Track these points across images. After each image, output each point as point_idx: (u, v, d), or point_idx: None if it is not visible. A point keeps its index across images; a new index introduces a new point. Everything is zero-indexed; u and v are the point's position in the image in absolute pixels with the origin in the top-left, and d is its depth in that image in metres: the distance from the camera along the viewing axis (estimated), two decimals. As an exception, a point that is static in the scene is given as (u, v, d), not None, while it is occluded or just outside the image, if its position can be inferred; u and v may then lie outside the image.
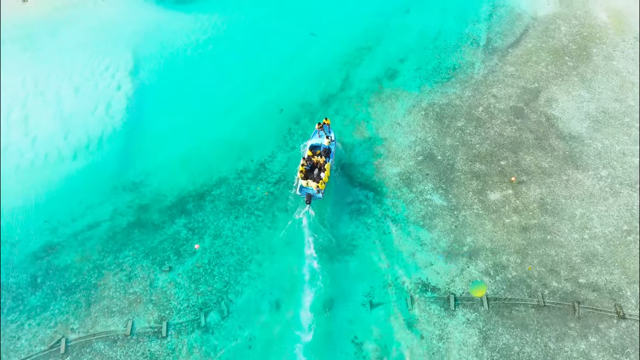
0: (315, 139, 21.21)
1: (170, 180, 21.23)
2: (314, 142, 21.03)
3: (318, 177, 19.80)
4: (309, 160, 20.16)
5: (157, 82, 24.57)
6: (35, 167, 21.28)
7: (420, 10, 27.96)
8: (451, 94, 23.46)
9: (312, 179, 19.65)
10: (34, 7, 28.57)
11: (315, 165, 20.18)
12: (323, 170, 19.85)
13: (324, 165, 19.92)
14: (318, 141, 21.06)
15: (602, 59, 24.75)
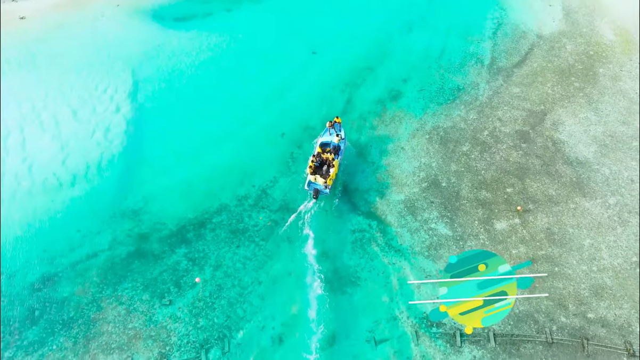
0: (326, 136, 21.99)
1: (170, 207, 20.87)
2: (324, 140, 21.81)
3: (327, 173, 20.69)
4: (319, 156, 20.95)
5: (156, 104, 24.14)
6: (33, 194, 20.88)
7: (423, 28, 27.54)
8: (456, 116, 23.08)
9: (320, 175, 20.46)
10: (31, 24, 28.11)
11: (324, 162, 20.98)
12: (332, 167, 20.67)
13: (333, 162, 20.76)
14: (328, 139, 21.83)
15: (608, 79, 24.35)
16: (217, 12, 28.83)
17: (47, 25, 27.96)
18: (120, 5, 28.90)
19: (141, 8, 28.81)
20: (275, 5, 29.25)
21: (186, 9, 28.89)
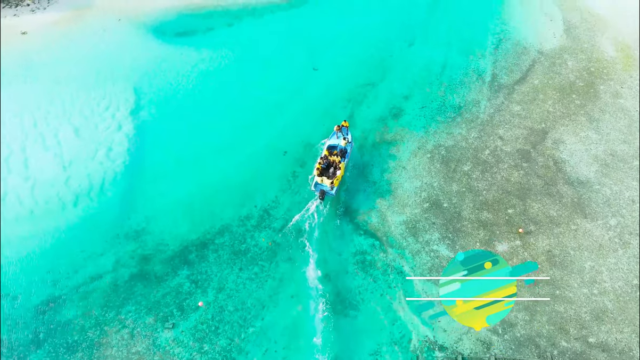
0: (333, 139, 22.71)
1: (172, 228, 20.94)
2: (331, 143, 22.55)
3: (333, 175, 21.34)
4: (326, 159, 21.71)
5: (158, 122, 24.20)
6: (36, 215, 20.96)
7: (424, 43, 27.58)
8: (457, 134, 23.14)
9: (327, 177, 21.18)
10: (33, 40, 28.13)
11: (330, 164, 21.68)
12: (338, 169, 21.36)
13: (339, 165, 21.43)
14: (335, 142, 22.55)
15: (609, 96, 24.41)
16: (219, 27, 28.88)
17: (49, 40, 27.99)
18: (121, 20, 28.90)
19: (142, 23, 28.81)
20: (276, 19, 29.29)
21: (187, 24, 28.90)
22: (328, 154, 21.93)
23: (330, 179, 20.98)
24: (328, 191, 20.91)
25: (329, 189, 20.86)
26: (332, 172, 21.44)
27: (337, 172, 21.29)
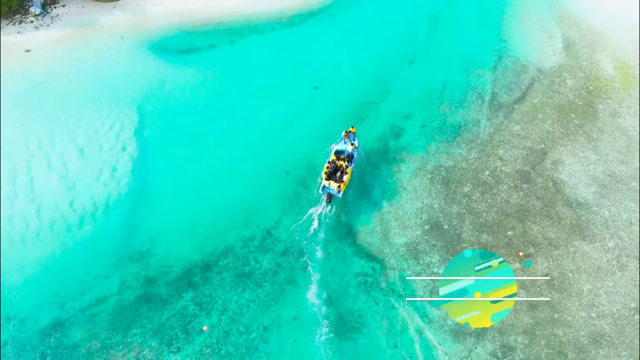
0: (341, 144, 23.52)
1: (176, 249, 21.23)
2: (339, 148, 23.41)
3: (340, 179, 22.23)
4: (333, 163, 22.60)
5: (161, 142, 24.43)
6: (42, 237, 21.22)
7: (424, 60, 27.84)
8: (457, 155, 23.43)
9: (334, 180, 22.05)
10: (37, 57, 28.40)
11: (338, 168, 22.57)
12: (345, 174, 22.23)
13: (346, 169, 22.33)
14: (343, 147, 23.39)
15: (608, 115, 24.68)
16: (221, 44, 29.14)
17: (53, 58, 28.23)
18: (124, 38, 29.19)
19: (145, 40, 29.07)
20: (277, 37, 29.55)
21: (190, 41, 29.17)
22: (335, 158, 22.84)
23: (337, 183, 21.84)
24: (335, 194, 21.90)
25: (336, 192, 21.80)
26: (339, 176, 22.34)
27: (344, 176, 22.20)
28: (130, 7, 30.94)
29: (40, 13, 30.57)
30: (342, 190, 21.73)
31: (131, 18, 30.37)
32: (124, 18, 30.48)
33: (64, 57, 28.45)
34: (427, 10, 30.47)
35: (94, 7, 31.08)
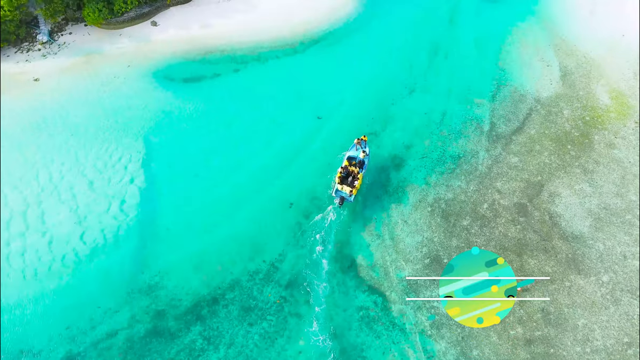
0: (353, 151, 24.70)
1: (184, 283, 21.91)
2: (350, 154, 24.59)
3: (351, 183, 23.46)
4: (345, 168, 23.77)
5: (168, 174, 25.08)
6: (54, 271, 21.91)
7: (425, 90, 28.44)
8: (456, 187, 24.04)
9: (346, 185, 23.33)
10: (45, 86, 28.99)
11: (350, 174, 23.76)
12: (356, 179, 23.45)
13: (357, 175, 23.54)
14: (355, 154, 24.57)
15: (603, 147, 25.28)
16: (225, 72, 29.74)
17: (61, 88, 28.85)
18: (130, 66, 29.78)
19: (151, 69, 29.68)
20: (280, 65, 30.11)
21: (195, 70, 29.76)
22: (348, 164, 24.01)
23: (349, 187, 23.09)
24: (347, 197, 23.41)
25: (348, 196, 23.28)
26: (351, 181, 23.56)
27: (355, 182, 23.40)
28: (135, 35, 31.53)
29: (47, 41, 31.16)
30: (353, 195, 23.11)
31: (137, 46, 30.98)
32: (130, 46, 31.09)
33: (72, 86, 29.05)
34: (427, 39, 31.06)
35: (101, 35, 31.65)
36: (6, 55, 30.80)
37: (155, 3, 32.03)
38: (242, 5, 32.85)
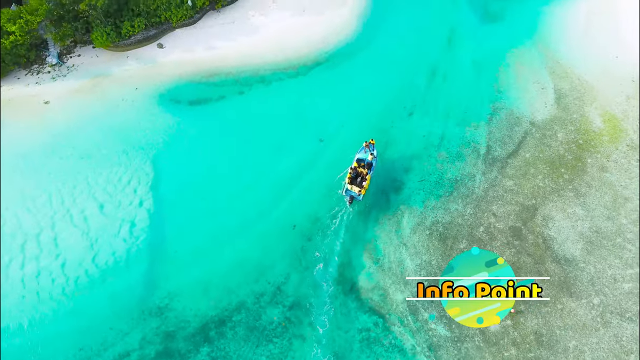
0: (362, 153, 26.37)
1: (192, 304, 22.82)
2: (360, 156, 26.31)
3: (360, 183, 25.13)
4: (355, 170, 25.41)
5: (176, 197, 25.99)
6: (67, 293, 22.88)
7: (423, 112, 29.30)
8: (454, 210, 24.94)
9: (355, 185, 25.00)
10: (55, 109, 29.99)
11: (359, 174, 25.43)
12: (364, 180, 25.07)
13: (366, 176, 25.23)
14: (363, 156, 26.24)
15: (596, 170, 26.17)
16: (230, 95, 30.64)
17: (71, 110, 29.83)
18: (138, 89, 30.70)
19: (158, 91, 30.64)
20: (284, 87, 31.02)
21: (200, 92, 30.70)
22: (357, 165, 25.56)
23: (358, 187, 24.71)
24: (356, 196, 25.10)
25: (357, 195, 24.96)
26: (360, 181, 25.19)
27: (363, 182, 25.01)
28: (142, 57, 32.46)
29: (56, 63, 32.09)
30: (362, 194, 24.87)
31: (144, 68, 31.93)
32: (137, 68, 32.03)
33: (81, 109, 30.00)
34: (426, 61, 31.91)
35: (108, 57, 32.60)
36: (17, 78, 31.76)
37: (161, 26, 32.97)
38: (245, 27, 33.80)
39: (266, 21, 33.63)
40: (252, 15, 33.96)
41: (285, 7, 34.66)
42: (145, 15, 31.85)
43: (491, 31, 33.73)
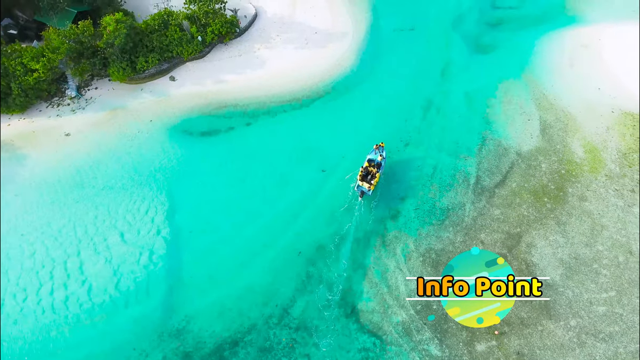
0: (372, 154, 30.13)
1: (208, 327, 25.10)
2: (370, 157, 30.03)
3: (370, 180, 28.85)
4: (366, 169, 29.34)
5: (190, 225, 28.31)
6: (94, 317, 25.16)
7: (418, 144, 31.58)
8: (445, 238, 27.20)
9: (366, 182, 28.67)
10: (76, 142, 32.31)
11: (369, 173, 29.24)
12: (374, 177, 28.87)
13: (375, 174, 29.00)
14: (374, 157, 29.99)
15: (576, 199, 28.43)
16: (238, 126, 32.94)
17: (91, 142, 32.11)
18: (152, 121, 32.96)
19: (171, 123, 32.96)
20: (288, 118, 33.29)
21: (211, 124, 32.99)
22: (368, 165, 29.40)
23: (368, 184, 28.37)
24: (366, 191, 28.69)
25: (367, 190, 28.60)
26: (370, 178, 28.81)
27: (372, 179, 28.72)
28: (156, 90, 34.70)
29: (75, 96, 34.33)
30: (371, 189, 28.59)
31: (157, 101, 34.19)
32: (151, 101, 34.29)
33: (101, 141, 32.27)
34: (421, 93, 34.22)
35: (124, 90, 34.84)
36: (39, 110, 34.01)
37: (173, 60, 35.18)
38: (251, 60, 36.10)
39: (271, 54, 35.92)
40: (258, 48, 36.24)
41: (289, 40, 36.94)
42: (159, 51, 34.12)
43: (482, 63, 36.04)
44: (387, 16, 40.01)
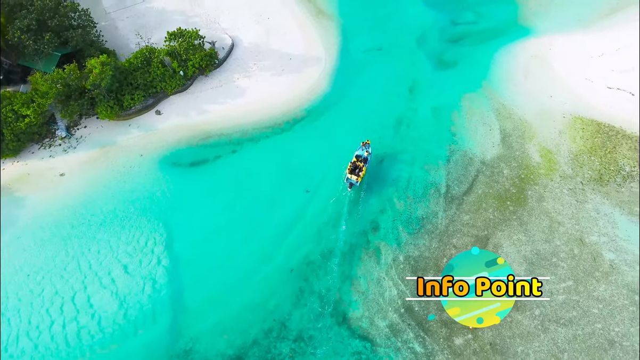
0: (359, 151, 34.16)
1: (213, 346, 27.38)
2: (358, 153, 33.95)
3: (357, 174, 32.80)
4: (354, 163, 33.21)
5: (187, 253, 30.44)
6: (106, 347, 27.12)
7: (392, 159, 34.39)
8: (421, 245, 30.10)
9: (354, 175, 32.74)
10: (71, 181, 33.87)
11: (357, 167, 33.19)
12: (361, 171, 32.89)
13: (362, 167, 33.03)
14: (361, 152, 33.97)
15: (535, 200, 31.73)
16: (225, 154, 35.07)
17: (85, 180, 33.73)
18: (142, 155, 34.76)
19: (160, 156, 34.84)
20: (271, 143, 35.55)
21: (198, 154, 35.00)
22: (355, 160, 33.23)
23: (356, 176, 32.44)
24: (354, 183, 32.72)
25: (355, 182, 32.65)
26: (357, 171, 32.67)
27: (360, 172, 32.62)
28: (143, 125, 36.47)
29: (66, 136, 35.81)
30: (359, 181, 32.61)
31: (145, 135, 36.00)
32: (139, 135, 36.06)
33: (95, 179, 33.92)
34: (392, 111, 37.03)
35: (112, 127, 36.50)
36: (31, 152, 35.41)
37: (158, 95, 37.01)
38: (232, 90, 38.23)
39: (250, 83, 38.12)
40: (237, 78, 38.39)
41: (266, 68, 39.18)
42: (143, 87, 35.89)
43: (446, 79, 39.11)
44: (356, 38, 42.72)
